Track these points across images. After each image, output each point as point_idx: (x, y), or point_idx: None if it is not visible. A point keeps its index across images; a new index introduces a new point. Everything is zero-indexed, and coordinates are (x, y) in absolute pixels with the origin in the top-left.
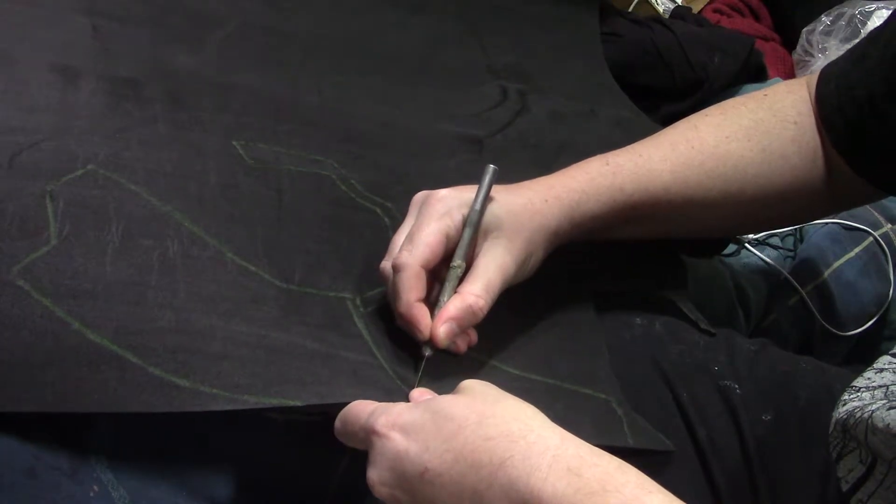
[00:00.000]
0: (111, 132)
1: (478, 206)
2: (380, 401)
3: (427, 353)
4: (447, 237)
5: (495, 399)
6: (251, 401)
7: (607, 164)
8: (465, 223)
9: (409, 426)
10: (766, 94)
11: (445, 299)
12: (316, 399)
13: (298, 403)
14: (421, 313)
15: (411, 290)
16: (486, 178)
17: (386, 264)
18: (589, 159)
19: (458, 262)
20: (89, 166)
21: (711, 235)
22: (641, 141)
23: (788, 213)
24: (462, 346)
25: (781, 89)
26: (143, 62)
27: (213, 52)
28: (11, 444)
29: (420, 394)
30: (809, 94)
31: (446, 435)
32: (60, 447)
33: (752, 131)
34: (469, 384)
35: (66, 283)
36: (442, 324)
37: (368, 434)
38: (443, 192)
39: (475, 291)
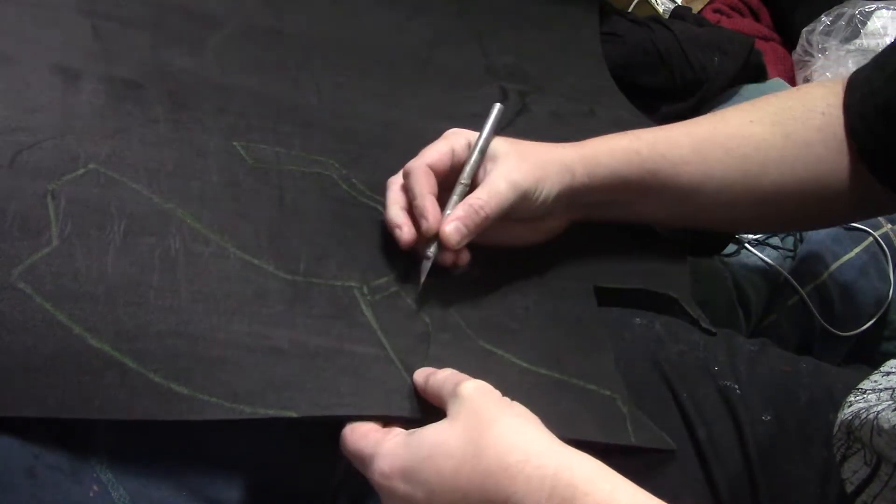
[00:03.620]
0: (112, 132)
1: (486, 133)
2: (383, 401)
3: (430, 252)
4: (453, 151)
5: (490, 421)
6: (247, 411)
7: (624, 134)
8: (472, 147)
9: (407, 471)
10: (798, 89)
11: (450, 211)
12: (313, 410)
13: (295, 415)
14: (431, 203)
15: (422, 185)
16: (494, 113)
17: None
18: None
19: (465, 179)
20: (91, 165)
21: (732, 229)
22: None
23: (810, 210)
24: (463, 259)
25: (814, 84)
26: (144, 63)
27: (213, 52)
28: (11, 444)
29: (423, 376)
30: (842, 90)
31: (447, 475)
32: (60, 447)
33: (777, 117)
34: (467, 394)
35: (68, 286)
36: (449, 223)
37: (373, 482)
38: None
39: (480, 195)
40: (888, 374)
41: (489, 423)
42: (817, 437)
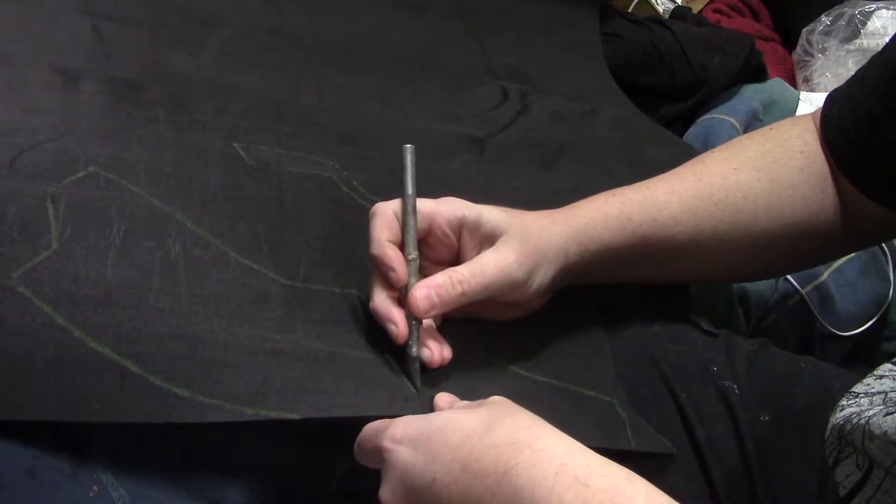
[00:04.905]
0: (112, 134)
1: (410, 191)
2: (385, 402)
3: (414, 351)
4: (396, 215)
5: (510, 412)
6: (248, 413)
7: (614, 196)
8: (402, 211)
9: (416, 438)
10: (771, 128)
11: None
12: (314, 412)
13: (296, 416)
14: (395, 254)
15: (382, 230)
16: (408, 159)
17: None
18: (595, 195)
19: (412, 254)
20: (90, 168)
21: (729, 280)
22: (649, 178)
23: (805, 250)
24: (436, 357)
25: (786, 122)
26: (144, 64)
27: (214, 53)
28: (11, 445)
29: (448, 401)
30: (815, 124)
31: (454, 445)
32: (60, 447)
33: (760, 162)
34: (496, 399)
35: (67, 289)
36: (420, 289)
37: (379, 451)
38: None
39: (463, 271)
40: (881, 377)
41: (507, 413)
42: (816, 438)
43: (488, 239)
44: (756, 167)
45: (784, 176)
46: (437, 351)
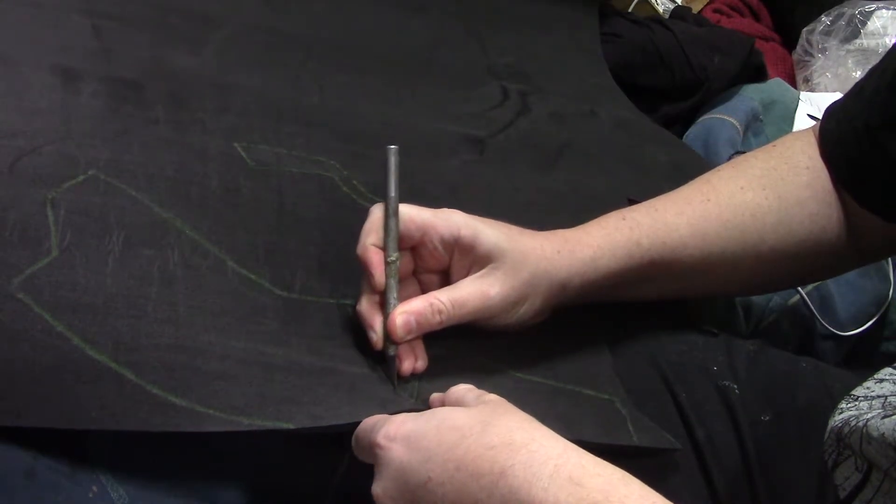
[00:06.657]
0: (112, 135)
1: (393, 192)
2: (379, 410)
3: (392, 351)
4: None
5: (504, 411)
6: (245, 422)
7: (624, 219)
8: (384, 213)
9: (411, 436)
10: (774, 145)
11: (392, 298)
12: (309, 422)
13: (291, 426)
14: (375, 258)
15: (368, 233)
16: (392, 161)
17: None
18: (606, 215)
19: (392, 256)
20: (90, 172)
21: (732, 295)
22: (657, 197)
23: (811, 266)
24: (406, 367)
25: (789, 138)
26: (144, 63)
27: (214, 52)
28: (11, 446)
29: (439, 397)
30: (815, 137)
31: (449, 444)
32: (60, 448)
33: (766, 180)
34: (492, 398)
35: (67, 297)
36: (399, 315)
37: (372, 447)
38: None
39: (443, 299)
40: (881, 381)
41: (503, 412)
42: (816, 438)
43: (480, 262)
44: (763, 185)
45: (791, 193)
46: (408, 362)
